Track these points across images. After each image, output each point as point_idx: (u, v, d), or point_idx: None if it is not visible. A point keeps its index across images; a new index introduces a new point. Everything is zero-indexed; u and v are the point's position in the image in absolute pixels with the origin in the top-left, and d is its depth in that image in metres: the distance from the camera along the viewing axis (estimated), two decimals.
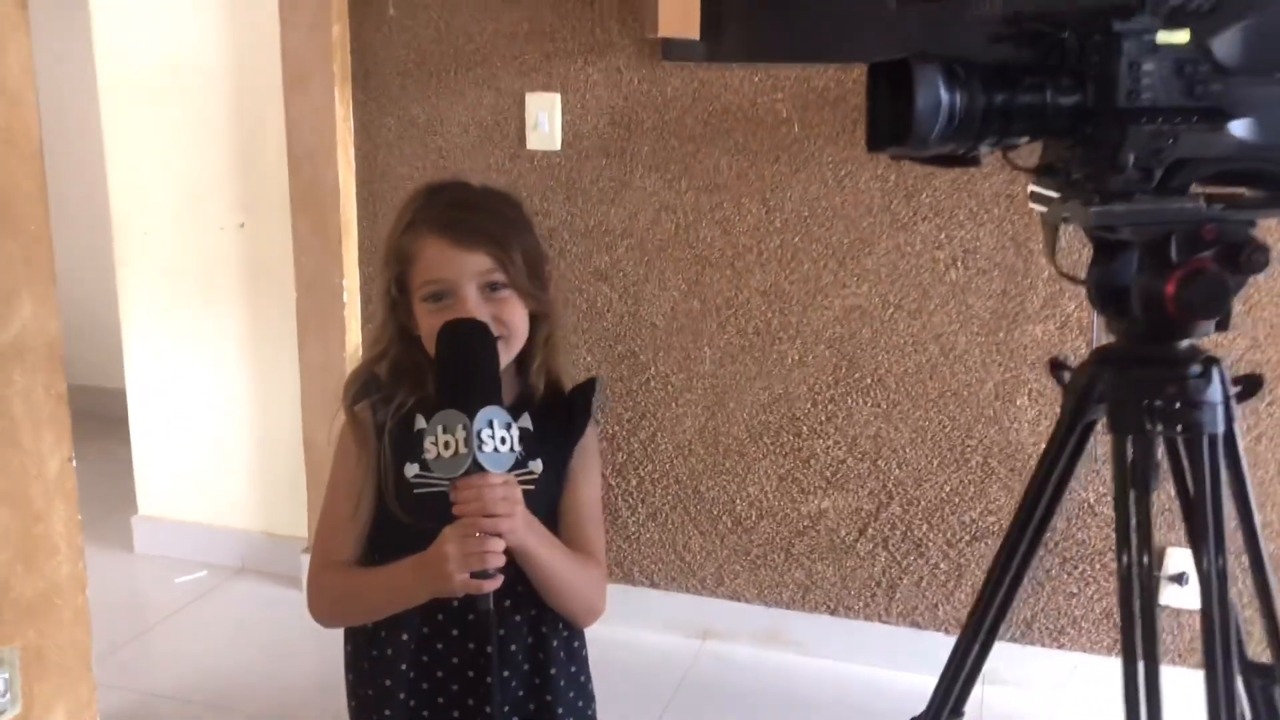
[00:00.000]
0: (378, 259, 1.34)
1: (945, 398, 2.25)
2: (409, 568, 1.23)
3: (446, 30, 2.41)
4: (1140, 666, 1.11)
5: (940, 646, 1.40)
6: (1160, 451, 1.22)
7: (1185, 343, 1.15)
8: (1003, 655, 2.30)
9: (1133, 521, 1.12)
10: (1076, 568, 2.26)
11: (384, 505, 1.32)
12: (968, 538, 2.29)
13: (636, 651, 2.47)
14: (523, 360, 1.33)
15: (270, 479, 2.79)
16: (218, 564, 2.84)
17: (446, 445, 1.13)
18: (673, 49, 2.25)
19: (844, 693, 2.32)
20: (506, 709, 1.31)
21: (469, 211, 1.29)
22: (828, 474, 2.35)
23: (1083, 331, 2.13)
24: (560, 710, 1.35)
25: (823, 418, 2.33)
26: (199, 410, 2.80)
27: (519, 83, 2.38)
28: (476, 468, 1.13)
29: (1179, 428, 1.12)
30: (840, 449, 2.33)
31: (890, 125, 1.06)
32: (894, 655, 2.34)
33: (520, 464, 1.21)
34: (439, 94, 2.44)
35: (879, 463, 2.32)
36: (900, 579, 2.35)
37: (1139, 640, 1.11)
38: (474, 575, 1.16)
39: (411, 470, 1.21)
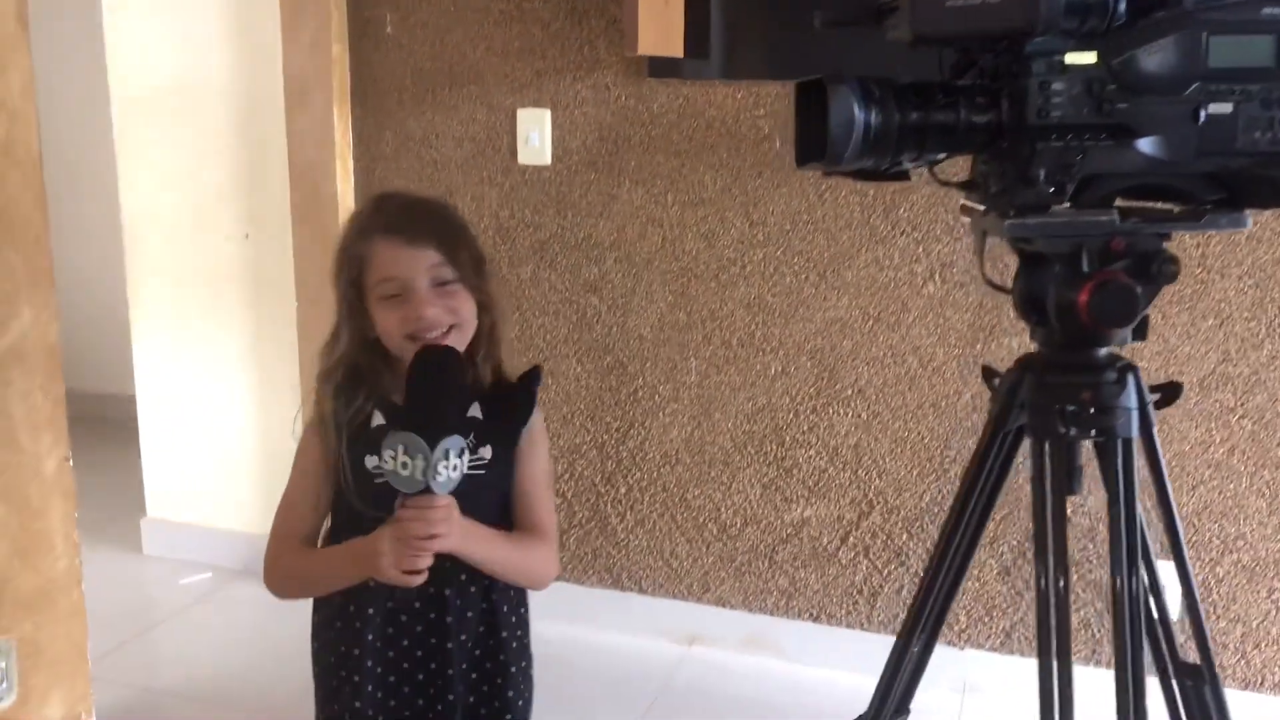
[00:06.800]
0: (331, 268, 1.43)
1: (924, 409, 2.29)
2: (345, 554, 1.37)
3: (441, 48, 2.48)
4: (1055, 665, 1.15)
5: None
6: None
7: (1103, 350, 1.19)
8: (981, 664, 2.34)
9: (1049, 523, 1.16)
10: None
11: (340, 494, 1.42)
12: None
13: (622, 655, 2.51)
14: (470, 350, 1.43)
15: (272, 483, 2.84)
16: (222, 566, 2.91)
17: (404, 465, 1.24)
18: (658, 66, 2.31)
19: (826, 699, 2.35)
20: (464, 666, 1.43)
21: (415, 214, 1.43)
22: (810, 483, 2.39)
23: None
24: (512, 670, 1.47)
25: (805, 428, 2.37)
26: (205, 416, 2.88)
27: (510, 99, 2.44)
28: (427, 491, 1.25)
29: (1093, 432, 1.16)
30: (822, 458, 2.37)
31: (814, 142, 1.12)
32: (875, 662, 2.33)
33: (470, 450, 1.32)
34: (434, 109, 2.51)
35: (860, 472, 2.35)
36: (881, 587, 2.39)
37: (1054, 638, 1.15)
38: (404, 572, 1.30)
39: (371, 462, 1.35)
